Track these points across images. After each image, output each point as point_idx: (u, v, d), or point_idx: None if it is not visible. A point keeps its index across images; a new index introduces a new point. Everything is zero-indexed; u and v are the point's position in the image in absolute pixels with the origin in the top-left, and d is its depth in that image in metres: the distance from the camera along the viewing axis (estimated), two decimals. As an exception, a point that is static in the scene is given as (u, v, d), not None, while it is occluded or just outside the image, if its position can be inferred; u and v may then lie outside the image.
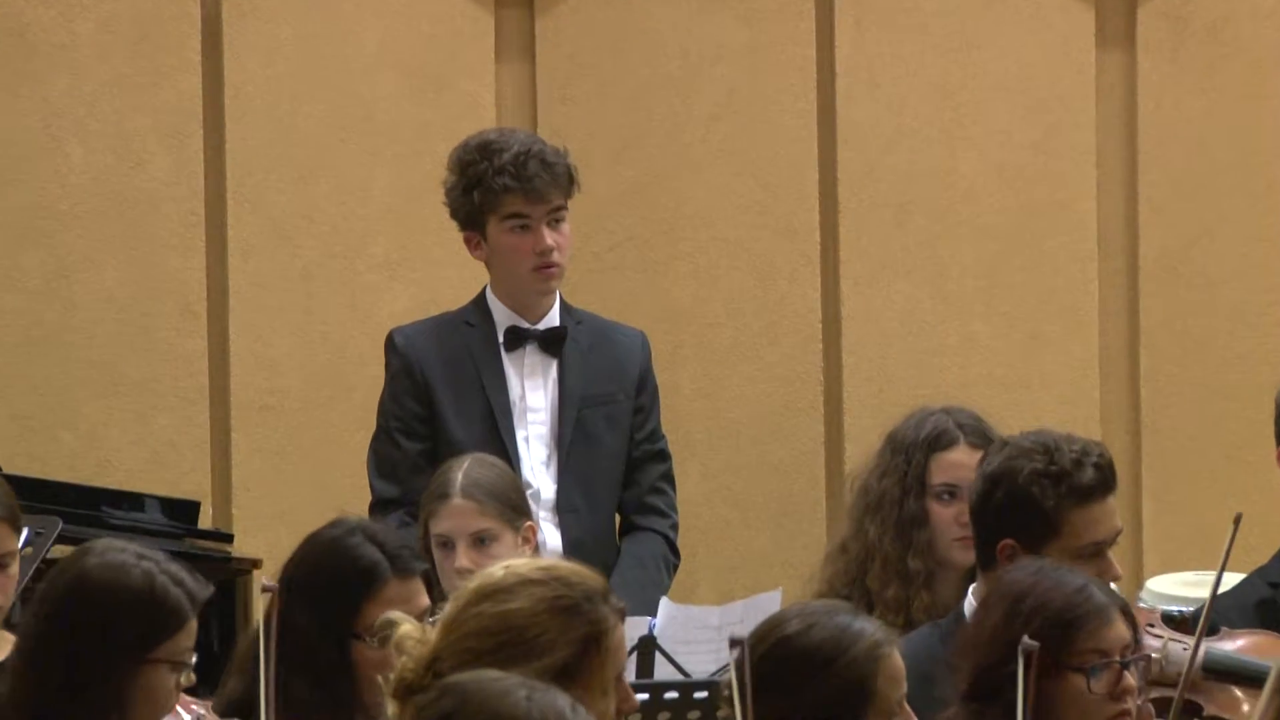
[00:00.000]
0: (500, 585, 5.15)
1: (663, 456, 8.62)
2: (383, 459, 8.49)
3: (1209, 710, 6.71)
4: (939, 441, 7.62)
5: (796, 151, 9.95)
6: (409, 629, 5.18)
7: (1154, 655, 6.35)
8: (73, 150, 9.75)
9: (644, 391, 8.57)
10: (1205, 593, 6.73)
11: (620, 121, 9.94)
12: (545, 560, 6.12)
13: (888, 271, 9.94)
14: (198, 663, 5.64)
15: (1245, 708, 6.61)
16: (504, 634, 5.07)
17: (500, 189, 8.37)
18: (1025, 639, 5.45)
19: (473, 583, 5.17)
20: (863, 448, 8.37)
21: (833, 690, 5.41)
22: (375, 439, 8.46)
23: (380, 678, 5.15)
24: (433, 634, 5.07)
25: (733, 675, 5.38)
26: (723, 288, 9.79)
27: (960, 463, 7.40)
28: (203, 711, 5.85)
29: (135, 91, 9.80)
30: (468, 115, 9.34)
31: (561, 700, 4.16)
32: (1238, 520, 6.52)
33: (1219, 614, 6.88)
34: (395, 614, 5.33)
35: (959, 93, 9.99)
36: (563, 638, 5.02)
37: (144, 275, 9.78)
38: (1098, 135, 10.15)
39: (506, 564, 5.42)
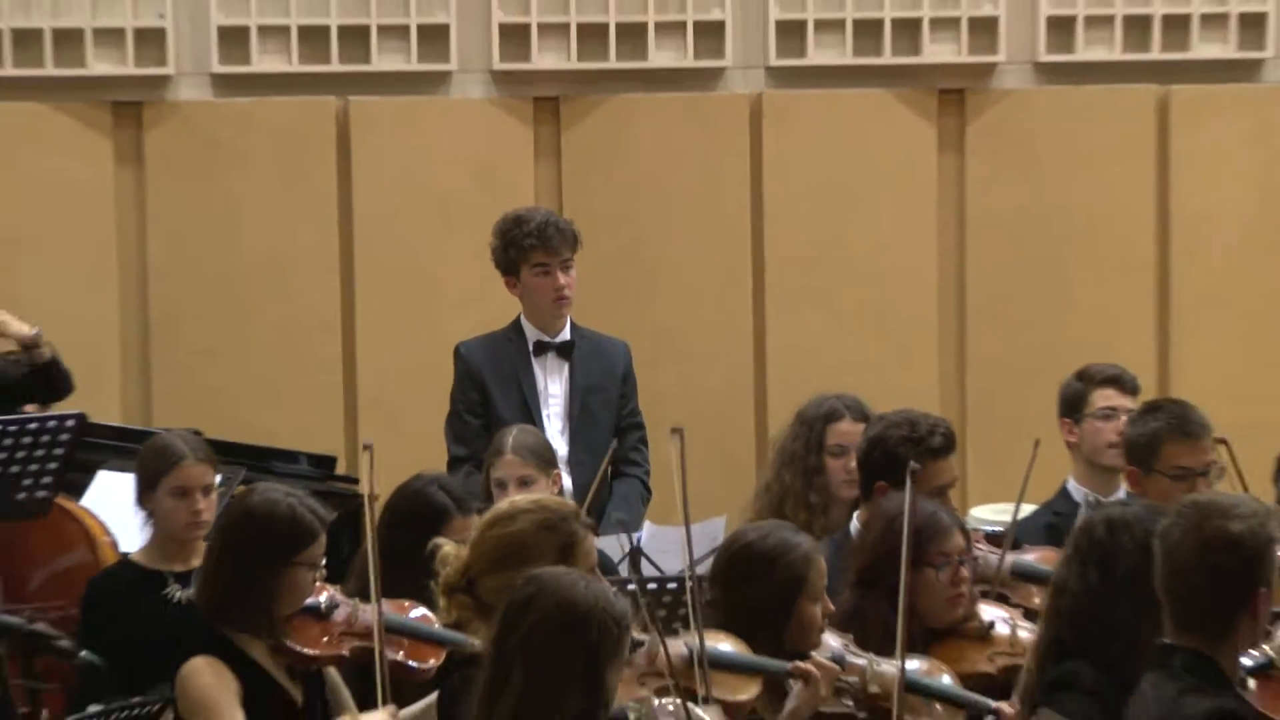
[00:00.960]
0: (504, 514, 6.14)
1: (639, 427, 9.34)
2: (455, 431, 9.15)
3: (1013, 599, 7.31)
4: (832, 416, 8.29)
5: (736, 221, 10.84)
6: (449, 549, 6.15)
7: (979, 559, 7.24)
8: (247, 226, 10.69)
9: (626, 383, 9.28)
10: (1009, 518, 7.75)
11: (618, 202, 10.75)
12: (536, 495, 7.07)
13: (801, 306, 10.89)
14: (333, 565, 6.79)
15: (1037, 600, 7.12)
16: (509, 547, 5.98)
17: (529, 246, 9.06)
18: (893, 520, 6.70)
19: (487, 514, 6.30)
20: (779, 421, 9.04)
21: (780, 579, 6.45)
22: (449, 418, 9.14)
23: (431, 583, 6.30)
24: (465, 551, 6.10)
25: (675, 461, 6.83)
26: (686, 314, 10.71)
27: (846, 430, 8.15)
28: (334, 592, 6.68)
29: (290, 181, 10.70)
30: (513, 199, 9.87)
31: (606, 586, 5.41)
32: (1036, 444, 7.69)
33: (1020, 534, 7.70)
34: (439, 539, 6.35)
35: (848, 183, 10.90)
36: (548, 546, 5.96)
37: (298, 310, 10.72)
38: (938, 213, 11.02)
39: (509, 499, 6.65)
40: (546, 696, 5.26)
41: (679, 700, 5.88)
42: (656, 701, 5.94)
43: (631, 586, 6.87)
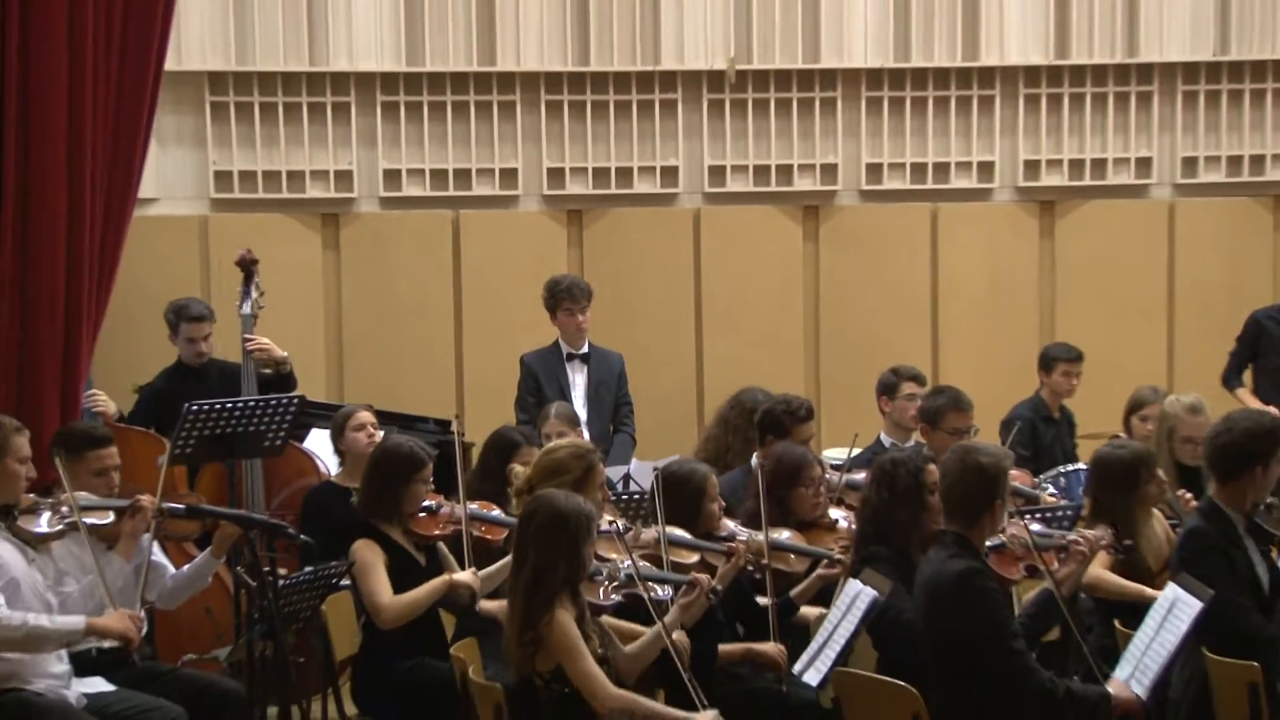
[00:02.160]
0: (552, 449, 6.85)
1: (628, 404, 9.98)
2: (521, 404, 9.80)
3: (849, 503, 7.69)
4: (748, 398, 8.70)
5: (685, 283, 11.70)
6: (519, 469, 6.88)
7: (829, 480, 7.74)
8: (399, 287, 11.43)
9: (621, 379, 9.97)
10: (846, 456, 8.27)
11: (616, 272, 11.47)
12: (573, 439, 7.51)
13: (726, 335, 11.69)
14: (441, 485, 7.32)
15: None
16: (554, 467, 6.62)
17: (562, 298, 9.86)
18: (780, 457, 7.33)
19: (541, 450, 7.01)
20: (711, 406, 9.63)
21: (692, 488, 6.96)
22: (517, 399, 9.86)
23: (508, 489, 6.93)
24: (529, 470, 6.74)
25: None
26: (655, 339, 11.37)
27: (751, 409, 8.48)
28: (442, 499, 7.19)
29: (425, 260, 11.45)
30: (555, 269, 10.65)
31: (580, 498, 5.90)
32: (855, 437, 8.44)
33: (852, 465, 8.08)
34: (514, 465, 7.11)
35: (751, 259, 11.71)
36: (576, 468, 6.60)
37: (431, 336, 11.39)
38: (803, 278, 11.78)
39: (554, 442, 7.25)
40: (548, 564, 5.67)
41: (631, 559, 6.23)
42: (619, 562, 6.32)
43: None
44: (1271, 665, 5.92)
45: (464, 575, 6.92)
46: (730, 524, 7.02)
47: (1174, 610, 5.90)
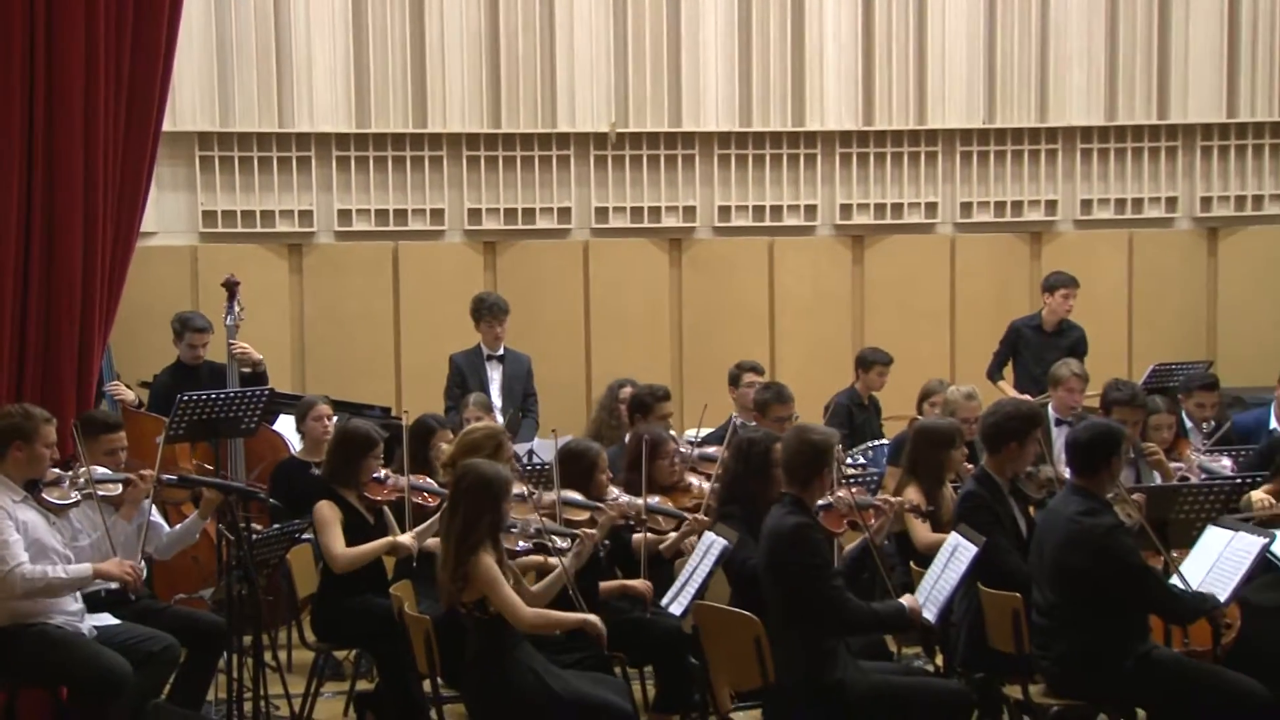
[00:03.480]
0: (471, 430, 6.85)
1: (533, 393, 9.78)
2: (448, 394, 9.61)
3: (702, 470, 7.65)
4: (620, 387, 8.89)
5: (576, 299, 11.51)
6: (444, 446, 7.11)
7: (685, 453, 7.78)
8: (348, 302, 11.28)
9: (528, 375, 9.78)
10: (698, 434, 8.44)
11: (526, 296, 11.07)
12: (487, 423, 7.53)
13: (609, 335, 11.53)
14: (387, 459, 7.21)
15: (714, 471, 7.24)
16: (470, 445, 6.60)
17: (486, 311, 9.75)
18: (645, 438, 7.10)
19: (462, 431, 7.06)
20: (599, 396, 9.51)
21: (585, 462, 6.89)
22: (446, 389, 9.69)
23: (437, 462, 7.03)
24: (453, 447, 6.80)
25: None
26: (551, 342, 11.06)
27: (627, 394, 8.69)
28: (389, 472, 7.05)
29: (367, 281, 11.30)
30: (477, 288, 10.58)
31: (501, 466, 5.96)
32: (704, 408, 8.51)
33: (707, 441, 8.24)
34: (440, 443, 7.33)
35: (627, 279, 11.60)
36: (488, 445, 6.60)
37: (372, 343, 11.24)
38: (669, 296, 11.70)
39: (472, 425, 7.31)
40: (476, 517, 5.57)
41: (538, 516, 6.27)
42: (528, 518, 6.26)
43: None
44: (1028, 595, 5.91)
45: (404, 537, 6.82)
46: (614, 490, 6.94)
47: (956, 553, 5.92)
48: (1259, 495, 6.95)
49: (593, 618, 5.74)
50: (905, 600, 5.89)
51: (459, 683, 5.83)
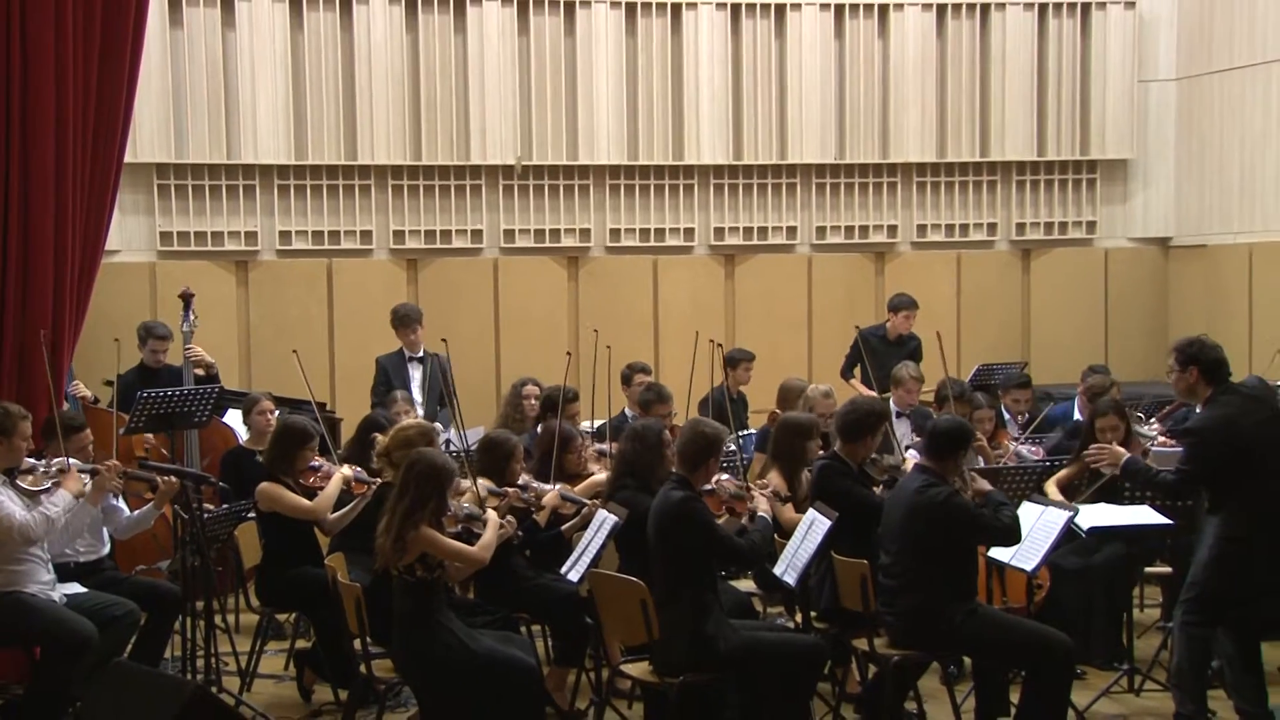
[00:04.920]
0: (403, 426, 6.59)
1: (451, 390, 8.48)
2: (374, 391, 9.45)
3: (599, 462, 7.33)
4: (524, 384, 8.66)
5: (486, 303, 11.39)
6: (380, 438, 6.59)
7: (588, 443, 7.45)
8: (291, 309, 11.10)
9: (446, 373, 8.98)
10: (594, 427, 7.96)
11: (445, 307, 11.06)
12: (419, 420, 7.38)
13: (519, 340, 11.38)
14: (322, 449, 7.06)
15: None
16: (403, 440, 6.38)
17: (402, 321, 9.61)
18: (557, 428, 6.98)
19: (394, 426, 6.71)
20: (503, 391, 9.43)
21: (500, 452, 6.63)
22: (373, 387, 9.54)
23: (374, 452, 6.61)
24: (387, 440, 6.50)
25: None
26: (466, 345, 10.61)
27: (532, 392, 8.58)
28: (324, 461, 6.88)
29: (303, 292, 11.08)
30: (399, 299, 10.50)
31: (447, 457, 5.72)
32: (611, 398, 8.19)
33: (602, 434, 7.67)
34: (376, 435, 6.77)
35: (530, 293, 11.41)
36: (420, 441, 6.31)
37: (317, 347, 10.72)
38: (568, 307, 11.51)
39: (403, 421, 7.07)
40: (424, 498, 5.43)
41: (469, 503, 5.96)
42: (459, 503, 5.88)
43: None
44: (874, 561, 5.93)
45: (341, 511, 6.78)
46: (527, 477, 6.76)
47: (813, 526, 5.91)
48: (1051, 487, 7.01)
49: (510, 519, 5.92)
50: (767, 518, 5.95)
51: (386, 641, 5.72)
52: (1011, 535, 5.72)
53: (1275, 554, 5.66)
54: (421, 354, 9.61)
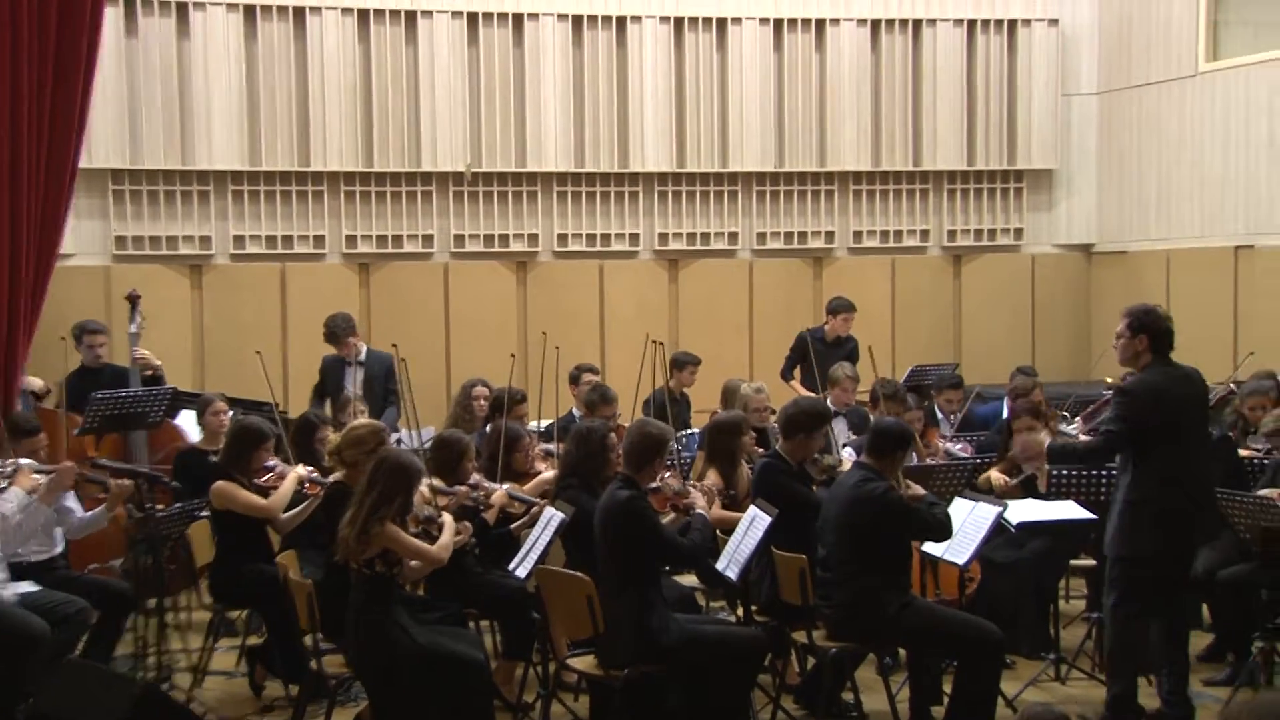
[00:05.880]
0: (355, 425, 6.35)
1: (394, 390, 9.00)
2: (316, 391, 9.35)
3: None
4: (473, 385, 8.48)
5: (437, 304, 11.29)
6: (332, 437, 6.52)
7: (533, 443, 7.31)
8: (244, 314, 10.95)
9: (390, 373, 9.07)
10: (540, 427, 7.98)
11: (396, 310, 11.19)
12: (370, 420, 7.05)
13: (467, 339, 11.26)
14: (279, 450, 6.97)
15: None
16: (355, 440, 6.17)
17: (331, 335, 9.33)
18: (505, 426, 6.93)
19: (347, 426, 6.56)
20: (453, 392, 9.14)
21: (452, 452, 6.56)
22: (315, 385, 9.37)
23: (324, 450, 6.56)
24: (339, 439, 6.30)
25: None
26: (413, 344, 9.82)
27: (482, 393, 8.44)
28: (277, 461, 6.81)
29: (254, 298, 11.01)
30: (346, 305, 10.39)
31: (414, 457, 5.61)
32: (559, 396, 8.42)
33: (549, 434, 7.79)
34: (328, 434, 6.95)
35: (478, 293, 11.37)
36: (372, 441, 6.13)
37: (268, 350, 10.36)
38: (517, 308, 11.49)
39: (355, 421, 6.94)
40: (391, 494, 5.39)
41: (418, 503, 5.76)
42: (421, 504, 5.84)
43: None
44: (813, 556, 5.92)
45: (294, 511, 6.74)
46: (477, 476, 6.68)
47: (754, 523, 5.88)
48: (995, 476, 7.03)
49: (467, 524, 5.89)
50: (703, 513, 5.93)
51: (337, 637, 5.66)
52: (943, 530, 5.74)
53: (1172, 518, 5.59)
54: (363, 357, 9.40)
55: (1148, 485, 5.60)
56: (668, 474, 6.08)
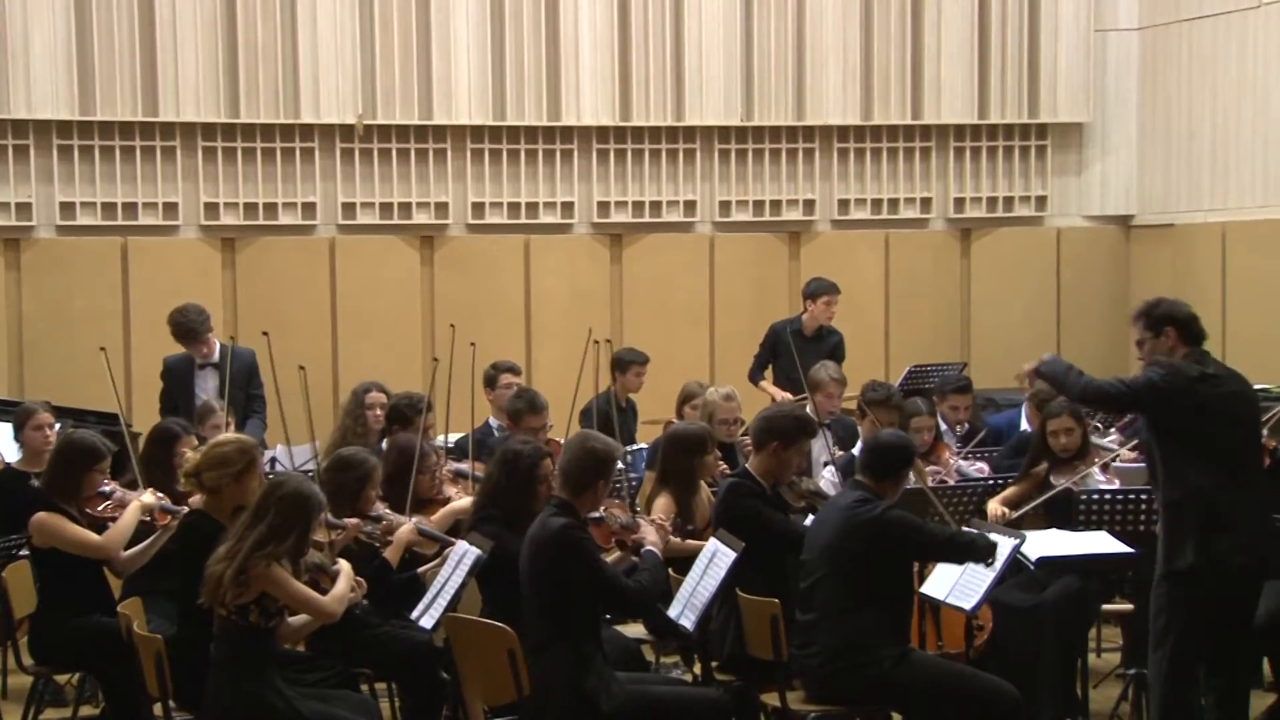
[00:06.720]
0: (219, 441, 6.23)
1: (259, 394, 9.32)
2: (163, 398, 9.43)
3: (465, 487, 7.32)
4: (366, 390, 8.53)
5: (324, 288, 11.47)
6: (190, 454, 6.46)
7: (443, 466, 7.37)
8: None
9: (254, 373, 9.33)
10: (455, 439, 8.17)
11: (268, 295, 11.29)
12: (239, 436, 6.84)
13: (356, 330, 11.45)
14: (117, 471, 6.94)
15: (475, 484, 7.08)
16: (219, 459, 6.04)
17: (184, 334, 9.34)
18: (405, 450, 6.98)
19: (209, 442, 6.37)
20: (344, 399, 9.03)
21: (355, 475, 6.54)
22: (162, 396, 9.43)
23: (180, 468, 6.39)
24: (198, 457, 6.14)
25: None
26: (298, 348, 10.10)
27: (377, 400, 8.46)
28: (116, 486, 6.78)
29: (102, 277, 11.08)
30: (206, 299, 10.00)
31: (315, 488, 5.61)
32: (461, 399, 8.36)
33: (460, 450, 7.95)
34: (185, 450, 6.88)
35: (379, 270, 11.56)
36: (239, 461, 6.02)
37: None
38: (420, 293, 11.63)
39: (220, 436, 6.63)
40: (281, 531, 5.41)
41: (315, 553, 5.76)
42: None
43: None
44: (787, 600, 5.93)
45: (140, 546, 6.74)
46: (381, 506, 6.70)
47: (714, 559, 5.91)
48: (994, 506, 7.12)
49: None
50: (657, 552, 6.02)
51: (193, 705, 5.62)
52: (974, 550, 5.76)
53: (1215, 526, 5.69)
54: (216, 358, 9.46)
55: (1176, 488, 5.74)
56: (614, 501, 6.15)
